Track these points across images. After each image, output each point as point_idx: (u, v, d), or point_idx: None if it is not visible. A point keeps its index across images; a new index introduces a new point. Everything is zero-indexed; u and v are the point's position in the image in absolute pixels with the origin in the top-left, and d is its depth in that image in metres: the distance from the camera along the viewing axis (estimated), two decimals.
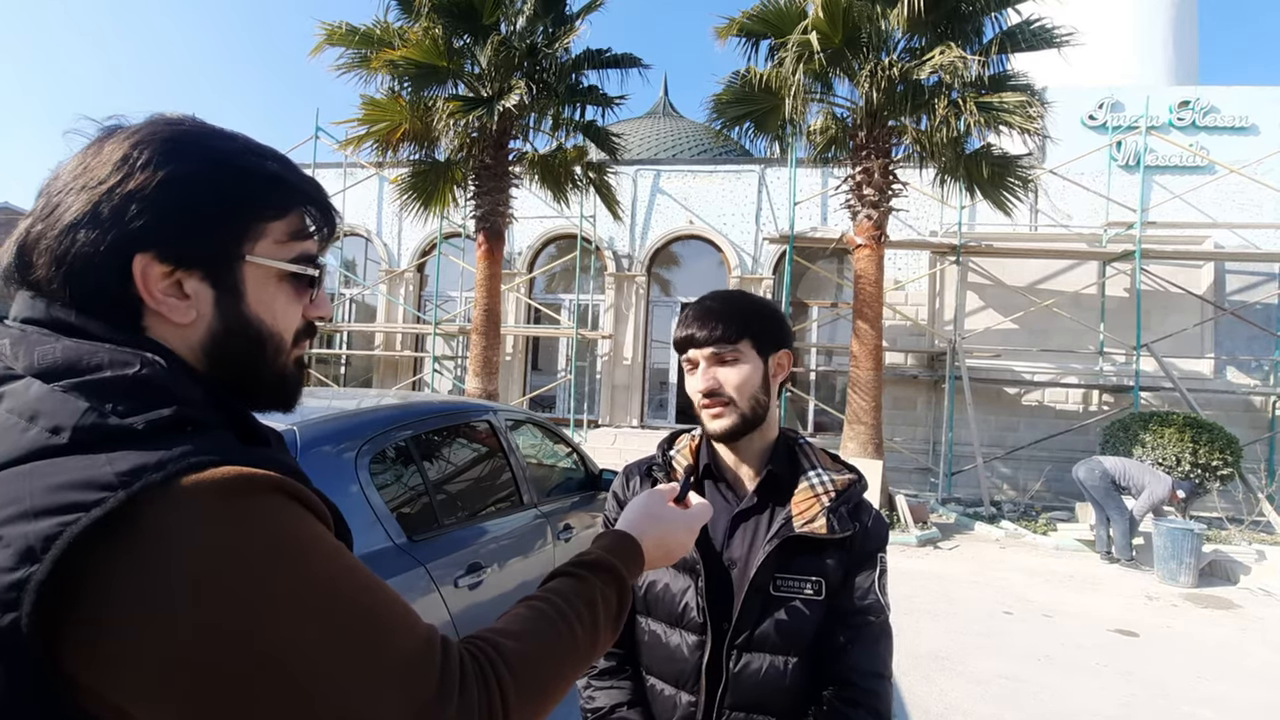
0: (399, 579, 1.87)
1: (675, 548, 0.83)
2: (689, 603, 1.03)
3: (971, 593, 5.29)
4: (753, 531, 1.05)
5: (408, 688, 0.47)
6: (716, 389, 1.01)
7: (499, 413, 2.98)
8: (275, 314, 0.59)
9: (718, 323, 1.02)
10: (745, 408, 1.02)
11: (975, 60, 6.77)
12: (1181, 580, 5.66)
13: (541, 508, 2.88)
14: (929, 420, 10.76)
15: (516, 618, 0.62)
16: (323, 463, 1.83)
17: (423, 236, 12.46)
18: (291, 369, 0.63)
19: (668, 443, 1.19)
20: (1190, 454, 7.54)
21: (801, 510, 1.02)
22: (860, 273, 7.94)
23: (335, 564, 0.49)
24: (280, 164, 0.59)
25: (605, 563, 0.71)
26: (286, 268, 0.59)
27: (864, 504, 1.08)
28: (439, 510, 2.25)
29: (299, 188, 0.60)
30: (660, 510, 0.84)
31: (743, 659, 1.00)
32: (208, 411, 0.51)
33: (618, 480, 1.20)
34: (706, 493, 1.10)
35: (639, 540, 0.77)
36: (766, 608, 1.00)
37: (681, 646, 1.03)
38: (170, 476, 0.44)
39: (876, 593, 1.03)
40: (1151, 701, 3.46)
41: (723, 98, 8.08)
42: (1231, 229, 10.09)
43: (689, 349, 1.04)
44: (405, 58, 7.37)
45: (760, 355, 1.04)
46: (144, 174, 0.51)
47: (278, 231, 0.58)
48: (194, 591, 0.42)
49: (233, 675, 0.43)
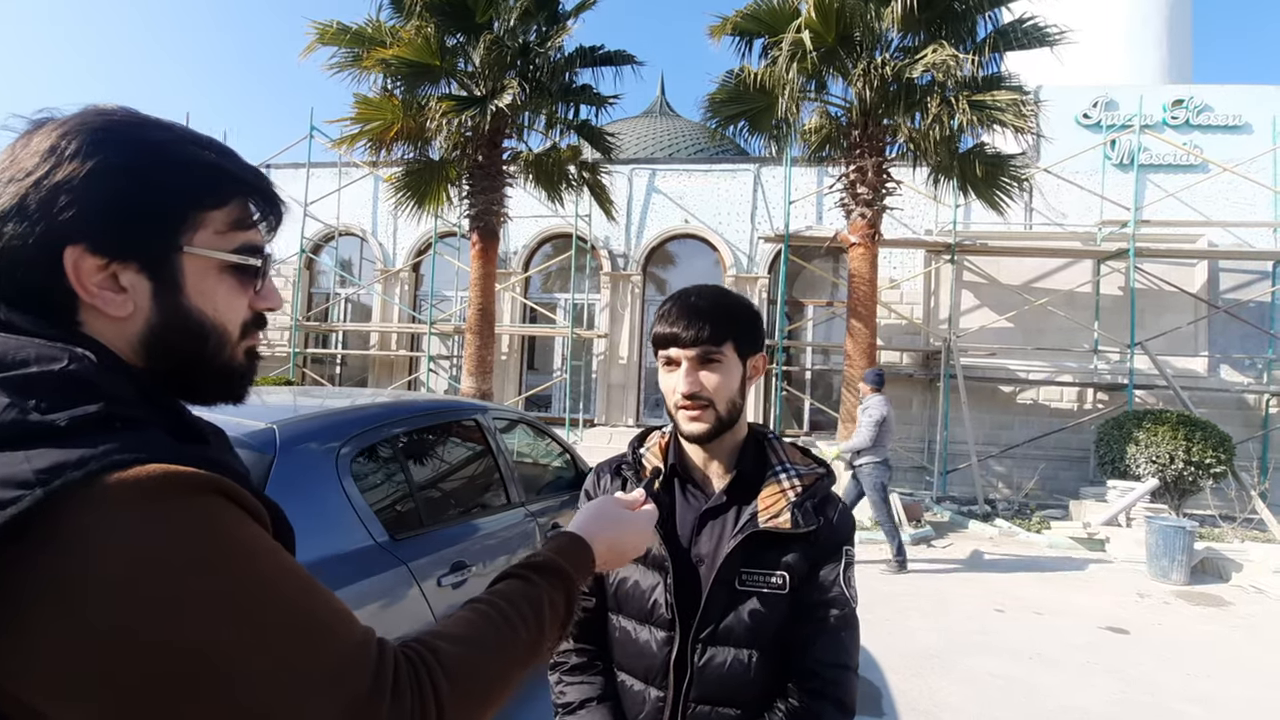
0: (380, 577, 1.87)
1: (627, 549, 0.83)
2: (658, 599, 1.03)
3: (963, 591, 5.30)
4: (720, 528, 1.05)
5: (338, 691, 0.47)
6: (699, 392, 1.01)
7: (487, 412, 2.97)
8: (218, 306, 0.58)
9: (705, 323, 1.00)
10: (723, 410, 1.02)
11: (968, 59, 6.78)
12: (1173, 578, 5.67)
13: (530, 506, 2.87)
14: (924, 419, 10.77)
15: (459, 620, 0.61)
16: (303, 461, 1.82)
17: (418, 236, 12.44)
18: (240, 361, 0.62)
19: (638, 440, 1.18)
20: (1184, 452, 7.56)
21: (767, 506, 1.03)
22: (854, 271, 7.94)
23: (265, 565, 0.48)
24: (218, 153, 0.58)
25: (553, 565, 0.71)
26: (228, 258, 0.58)
27: (830, 498, 1.08)
28: (423, 509, 2.25)
29: (239, 177, 0.59)
30: (612, 512, 0.84)
31: (707, 653, 1.00)
32: (140, 408, 0.51)
33: (590, 478, 1.20)
34: (675, 492, 1.10)
35: (589, 542, 0.77)
36: (732, 602, 1.00)
37: (650, 642, 1.03)
38: (91, 474, 0.43)
39: (841, 585, 1.03)
40: (1141, 699, 3.47)
41: (717, 97, 8.08)
42: (1225, 227, 10.11)
43: (671, 347, 1.02)
44: (398, 57, 7.36)
45: (740, 358, 1.04)
46: (72, 164, 0.51)
47: (217, 222, 0.57)
48: (112, 592, 0.41)
49: (153, 677, 0.42)
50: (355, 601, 1.76)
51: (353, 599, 1.74)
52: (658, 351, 1.06)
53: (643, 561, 1.05)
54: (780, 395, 10.95)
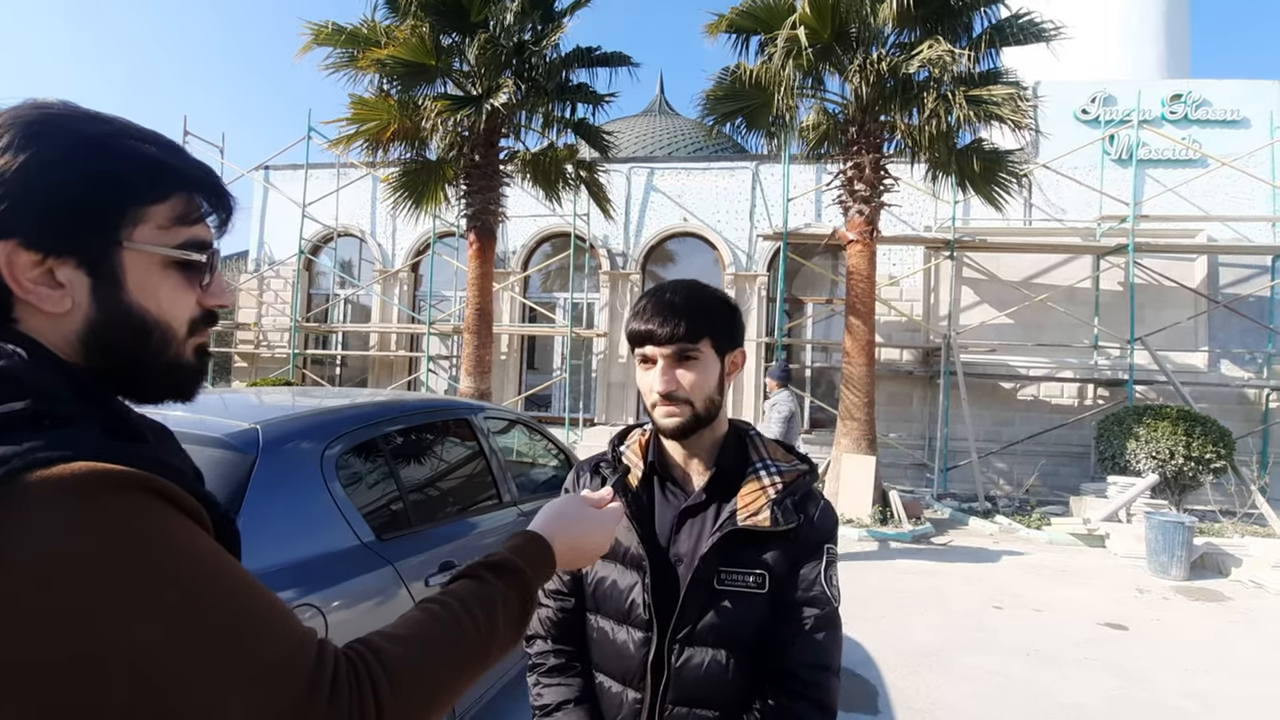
0: (366, 578, 1.86)
1: (589, 548, 0.82)
2: (635, 599, 1.02)
3: (962, 588, 5.28)
4: (699, 526, 1.04)
5: (268, 692, 0.46)
6: (675, 390, 0.99)
7: (479, 411, 2.97)
8: (161, 302, 0.57)
9: (680, 320, 0.98)
10: (700, 407, 1.01)
11: (964, 54, 6.75)
12: (1173, 573, 5.66)
13: (523, 506, 2.86)
14: (924, 416, 10.75)
15: (406, 621, 0.61)
16: (287, 461, 1.82)
17: (417, 236, 12.44)
18: (188, 359, 0.61)
19: (618, 438, 1.17)
20: (1183, 447, 7.54)
21: (747, 503, 1.01)
22: (853, 269, 7.92)
23: (198, 565, 0.47)
24: (161, 147, 0.57)
25: (509, 564, 0.70)
26: (170, 254, 0.57)
27: (812, 495, 1.06)
28: (412, 509, 2.24)
29: (182, 171, 0.58)
30: (575, 511, 0.83)
31: (685, 653, 0.99)
32: (73, 405, 0.50)
33: (570, 477, 1.19)
34: (654, 490, 1.09)
35: (549, 541, 0.77)
36: (709, 601, 0.99)
37: (628, 643, 1.02)
38: (13, 472, 0.42)
39: (822, 584, 1.01)
40: (1139, 695, 3.45)
41: (713, 94, 8.06)
42: (1224, 222, 10.08)
43: (646, 345, 1.01)
44: (393, 56, 7.34)
45: (718, 355, 1.03)
46: (4, 158, 0.50)
47: (160, 216, 0.56)
48: (30, 592, 0.41)
49: (72, 679, 0.41)
50: (340, 601, 1.75)
51: (338, 599, 1.74)
52: (634, 349, 1.04)
53: (621, 561, 1.04)
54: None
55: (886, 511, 7.45)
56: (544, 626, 1.10)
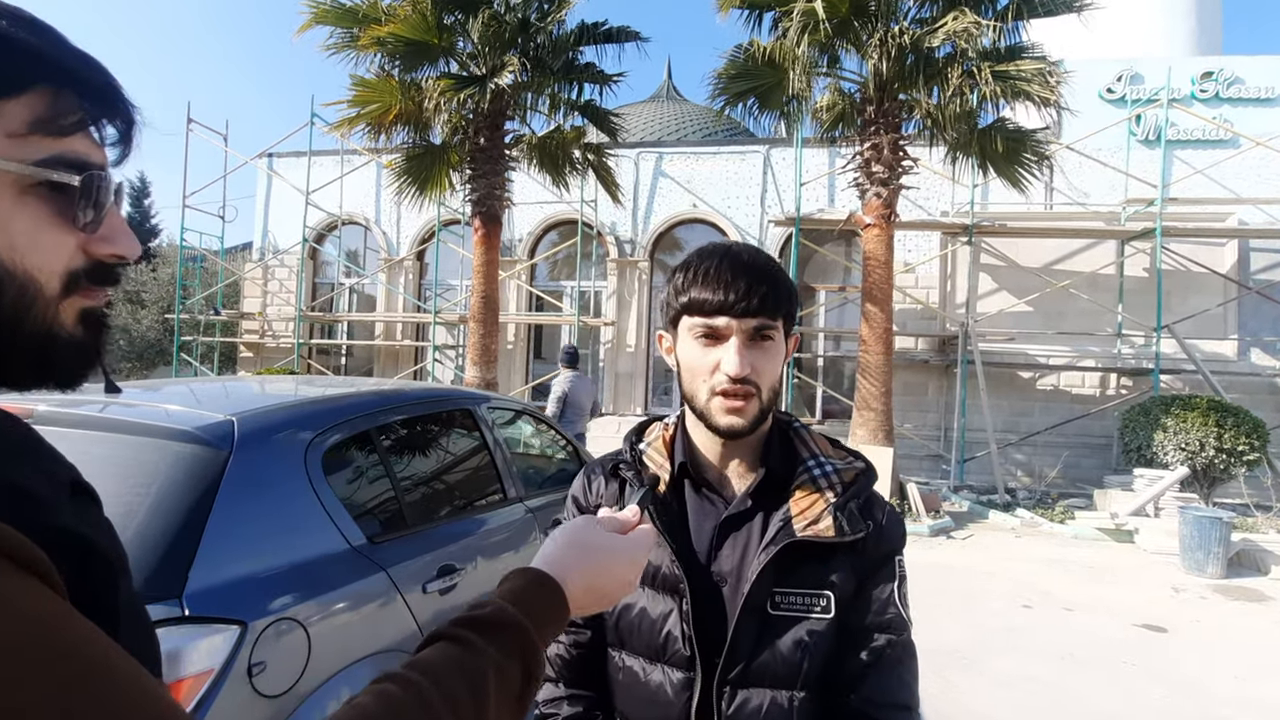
0: (354, 586, 1.67)
1: (613, 587, 0.61)
2: (672, 631, 0.82)
3: (987, 585, 5.07)
4: (745, 539, 0.83)
5: None
6: (750, 375, 0.78)
7: (482, 402, 2.77)
8: (15, 242, 0.39)
9: (766, 288, 0.78)
10: (766, 399, 0.81)
11: (990, 25, 6.43)
12: (1209, 571, 5.41)
13: (529, 502, 2.67)
14: (940, 406, 10.49)
15: (357, 710, 0.40)
16: (264, 457, 1.62)
17: (422, 224, 12.25)
18: (66, 328, 0.43)
19: (636, 434, 0.96)
20: (1215, 438, 7.26)
21: (803, 509, 0.82)
22: (869, 254, 7.66)
23: (19, 634, 0.30)
24: (15, 23, 0.39)
25: (504, 619, 0.50)
26: (23, 171, 0.39)
27: (875, 498, 0.87)
28: (408, 508, 2.05)
29: (48, 57, 0.40)
30: (592, 538, 0.62)
31: (738, 697, 0.79)
32: None
33: (578, 482, 0.97)
34: (685, 496, 0.88)
35: (560, 582, 0.56)
36: (765, 631, 0.80)
37: (665, 686, 0.82)
38: None
39: (897, 605, 0.83)
40: (1187, 706, 3.23)
41: (725, 73, 7.77)
42: (1256, 205, 9.70)
43: (718, 316, 0.78)
44: (394, 34, 7.11)
45: (786, 337, 0.83)
46: None
47: (11, 118, 0.39)
48: None
49: None
50: (325, 613, 1.56)
51: (321, 611, 1.55)
52: (683, 318, 0.82)
53: (651, 584, 0.84)
54: (792, 382, 10.71)
55: (904, 505, 7.24)
56: (554, 666, 0.89)
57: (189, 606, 1.29)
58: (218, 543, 1.41)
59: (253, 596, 1.42)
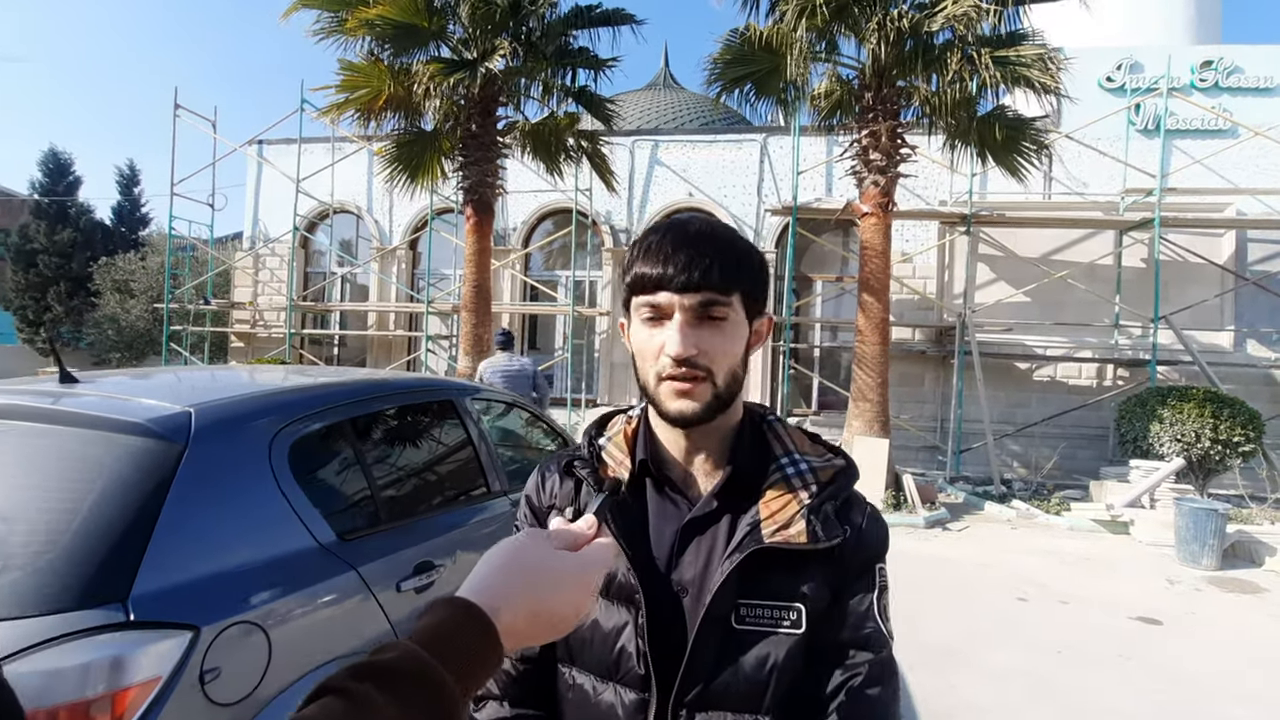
0: (321, 586, 1.59)
1: (562, 613, 0.52)
2: (626, 646, 0.73)
3: (982, 577, 5.03)
4: (709, 545, 0.75)
5: None
6: (695, 356, 0.70)
7: (465, 393, 2.68)
8: None
9: (711, 262, 0.70)
10: (722, 384, 0.72)
11: (991, 9, 6.32)
12: (1204, 563, 5.38)
13: (514, 495, 2.59)
14: (937, 397, 10.44)
15: None
16: (224, 451, 1.53)
17: (414, 213, 12.09)
18: None
19: (596, 427, 0.87)
20: (1210, 429, 7.22)
21: (773, 512, 0.73)
22: (866, 243, 7.57)
23: None
24: None
25: (411, 667, 0.41)
26: None
27: (855, 499, 0.78)
28: (382, 503, 1.96)
29: None
30: (535, 557, 0.53)
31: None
32: None
33: (531, 481, 0.87)
34: (649, 496, 0.79)
35: (492, 614, 0.46)
36: (728, 647, 0.71)
37: (616, 706, 0.74)
38: None
39: (876, 619, 0.75)
40: (1185, 699, 3.19)
41: (721, 58, 7.63)
42: (1254, 195, 9.63)
43: (659, 291, 0.71)
44: (382, 16, 6.94)
45: (747, 317, 0.74)
46: None
47: None
48: None
49: None
50: (286, 616, 1.48)
51: (280, 614, 1.46)
52: (633, 299, 0.74)
53: (604, 593, 0.75)
54: (788, 374, 10.63)
55: (900, 496, 7.20)
56: (499, 682, 0.81)
57: (135, 611, 1.21)
58: (169, 543, 1.33)
59: (207, 599, 1.34)
